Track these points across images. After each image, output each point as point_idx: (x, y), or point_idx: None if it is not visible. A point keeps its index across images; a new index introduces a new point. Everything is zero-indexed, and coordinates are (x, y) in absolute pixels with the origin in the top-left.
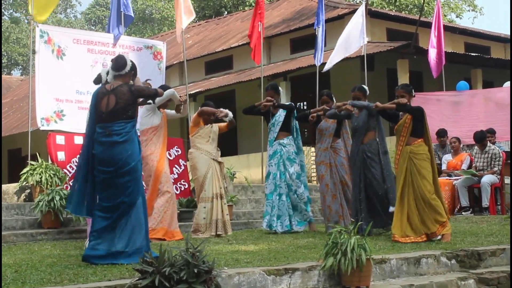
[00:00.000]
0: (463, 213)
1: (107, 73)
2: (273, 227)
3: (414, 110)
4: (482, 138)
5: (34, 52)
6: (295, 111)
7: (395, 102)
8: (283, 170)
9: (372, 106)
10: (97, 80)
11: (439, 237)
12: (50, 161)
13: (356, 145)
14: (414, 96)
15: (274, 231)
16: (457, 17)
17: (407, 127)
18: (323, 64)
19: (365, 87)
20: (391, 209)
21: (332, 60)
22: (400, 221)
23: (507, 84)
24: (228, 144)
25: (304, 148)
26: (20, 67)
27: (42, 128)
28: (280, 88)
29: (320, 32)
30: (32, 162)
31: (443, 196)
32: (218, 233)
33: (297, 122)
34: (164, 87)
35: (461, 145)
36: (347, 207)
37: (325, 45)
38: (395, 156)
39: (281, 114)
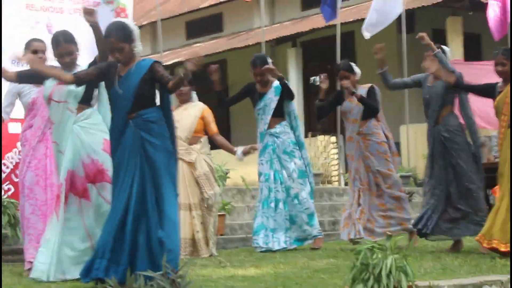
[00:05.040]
0: None
1: None
2: (268, 244)
3: None
4: None
5: None
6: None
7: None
8: (279, 169)
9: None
10: None
11: None
12: None
13: (429, 126)
14: None
15: (270, 250)
16: None
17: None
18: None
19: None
20: None
21: (375, 25)
22: (493, 222)
23: None
24: (220, 134)
25: (321, 137)
26: None
27: None
28: (269, 60)
29: None
30: None
31: None
32: (185, 255)
33: (294, 107)
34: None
35: None
36: (381, 210)
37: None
38: (498, 140)
39: (272, 96)
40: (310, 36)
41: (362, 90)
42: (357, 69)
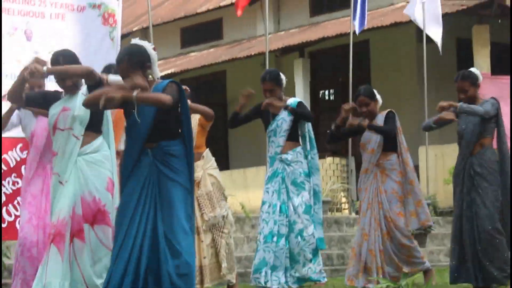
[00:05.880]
0: None
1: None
2: (267, 284)
3: None
4: None
5: None
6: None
7: None
8: (286, 200)
9: (490, 112)
10: None
11: None
12: None
13: (462, 157)
14: None
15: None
16: None
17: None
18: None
19: (475, 72)
20: None
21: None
22: None
23: None
24: (216, 155)
25: (330, 159)
26: None
27: None
28: (282, 76)
29: None
30: None
31: None
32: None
33: (310, 127)
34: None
35: None
36: (389, 254)
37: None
38: None
39: (284, 116)
40: (320, 46)
41: (381, 116)
42: (378, 96)
